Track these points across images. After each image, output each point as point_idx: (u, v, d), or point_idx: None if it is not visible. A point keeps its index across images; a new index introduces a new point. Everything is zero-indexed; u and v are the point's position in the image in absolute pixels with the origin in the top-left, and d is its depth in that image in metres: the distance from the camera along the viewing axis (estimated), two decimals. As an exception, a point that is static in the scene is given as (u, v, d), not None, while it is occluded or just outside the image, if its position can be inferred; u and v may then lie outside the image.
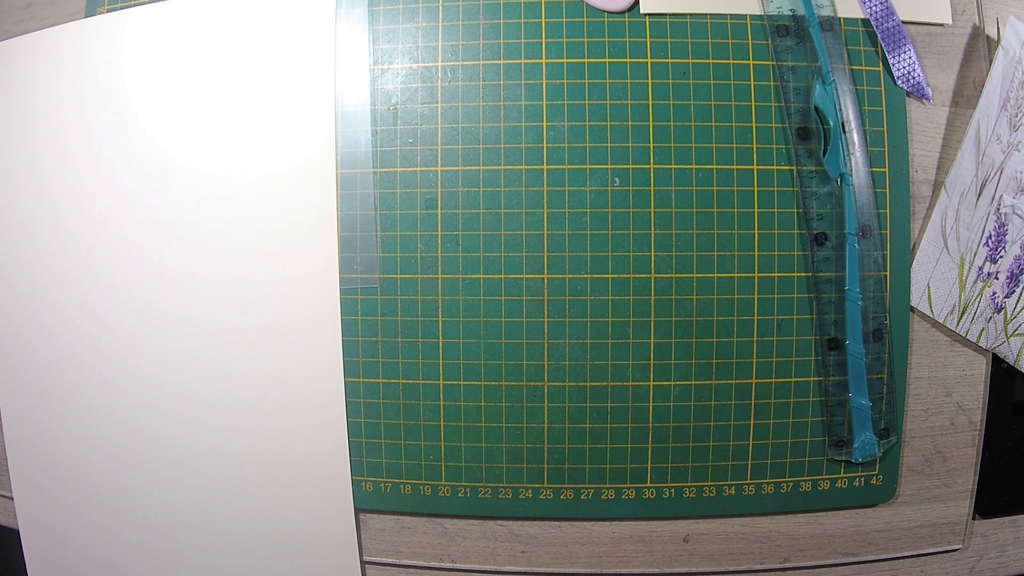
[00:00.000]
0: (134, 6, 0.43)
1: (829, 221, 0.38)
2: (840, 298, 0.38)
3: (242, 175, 0.42)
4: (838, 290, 0.38)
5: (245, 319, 0.42)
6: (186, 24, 0.43)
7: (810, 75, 0.38)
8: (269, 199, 0.42)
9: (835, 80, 0.38)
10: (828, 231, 0.38)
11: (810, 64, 0.38)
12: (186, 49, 0.43)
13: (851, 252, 0.38)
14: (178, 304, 0.42)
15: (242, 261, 0.42)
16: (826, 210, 0.38)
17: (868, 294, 0.37)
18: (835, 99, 0.37)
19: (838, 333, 0.38)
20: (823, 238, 0.38)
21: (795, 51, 0.38)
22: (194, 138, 0.42)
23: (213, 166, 0.42)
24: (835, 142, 0.37)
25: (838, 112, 0.37)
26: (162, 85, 0.43)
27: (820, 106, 0.38)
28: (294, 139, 0.42)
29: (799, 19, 0.38)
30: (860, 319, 0.37)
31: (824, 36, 0.38)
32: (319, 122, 0.42)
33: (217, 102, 0.42)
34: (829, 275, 0.38)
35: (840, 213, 0.38)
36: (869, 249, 0.38)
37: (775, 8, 0.38)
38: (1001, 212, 0.41)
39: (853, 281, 0.37)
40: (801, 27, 0.38)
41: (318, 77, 0.42)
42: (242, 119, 0.42)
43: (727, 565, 0.42)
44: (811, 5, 0.38)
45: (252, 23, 0.42)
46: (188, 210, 0.42)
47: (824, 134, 0.38)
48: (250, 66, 0.42)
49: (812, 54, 0.38)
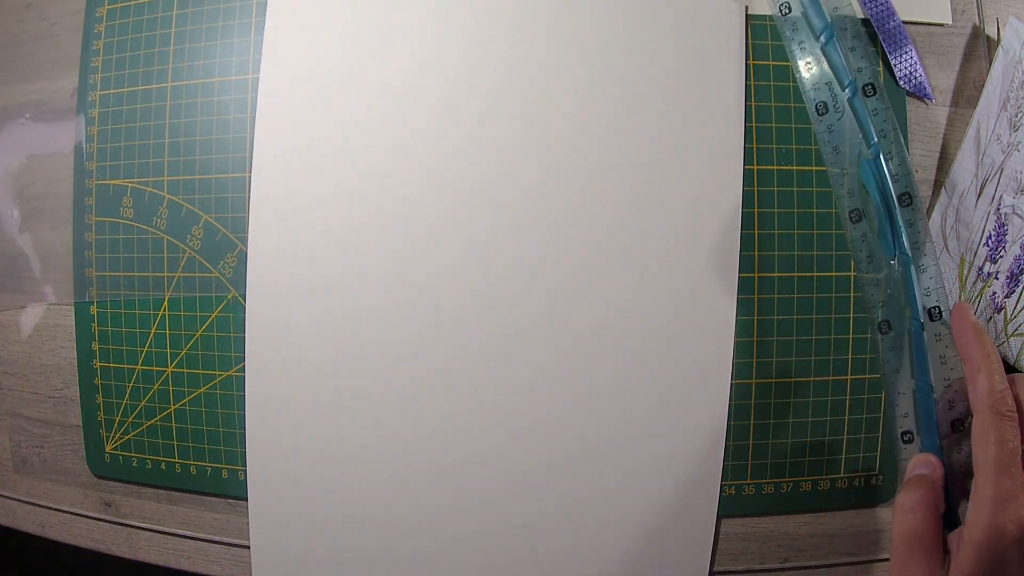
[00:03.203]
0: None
1: (892, 308, 0.34)
2: (911, 391, 0.33)
3: (647, 171, 0.41)
4: (905, 381, 0.33)
5: (634, 316, 0.40)
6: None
7: (856, 150, 0.34)
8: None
9: (882, 151, 0.33)
10: (891, 319, 0.33)
11: (854, 138, 0.34)
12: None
13: (917, 340, 0.32)
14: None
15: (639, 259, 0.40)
16: (887, 295, 0.33)
17: (943, 385, 0.32)
18: (883, 173, 0.33)
19: (910, 427, 0.33)
20: (886, 327, 0.33)
21: (836, 129, 0.34)
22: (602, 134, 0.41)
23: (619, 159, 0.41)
24: (882, 224, 0.33)
25: (887, 187, 0.33)
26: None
27: (867, 184, 0.34)
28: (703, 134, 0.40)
29: (836, 91, 0.34)
30: (933, 417, 0.32)
31: (866, 103, 0.34)
32: (728, 116, 0.40)
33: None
34: (896, 367, 0.33)
35: (902, 298, 0.33)
36: (942, 334, 0.32)
37: (810, 87, 0.34)
38: (1001, 212, 0.41)
39: (923, 372, 0.32)
40: (839, 99, 0.34)
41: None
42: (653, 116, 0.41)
43: (727, 565, 0.42)
44: (846, 73, 0.34)
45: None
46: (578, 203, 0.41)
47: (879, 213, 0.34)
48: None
49: (854, 128, 0.34)
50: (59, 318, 0.48)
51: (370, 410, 0.42)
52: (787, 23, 0.34)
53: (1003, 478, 0.25)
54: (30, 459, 0.49)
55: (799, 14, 0.34)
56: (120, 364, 0.46)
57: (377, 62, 0.42)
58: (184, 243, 0.45)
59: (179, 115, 0.45)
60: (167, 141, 0.45)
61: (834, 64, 0.34)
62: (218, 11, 0.44)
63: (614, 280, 0.41)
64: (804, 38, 0.34)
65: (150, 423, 0.45)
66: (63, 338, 0.48)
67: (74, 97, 0.47)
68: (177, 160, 0.45)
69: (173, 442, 0.45)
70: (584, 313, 0.41)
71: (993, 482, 0.25)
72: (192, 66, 0.45)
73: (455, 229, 0.41)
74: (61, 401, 0.48)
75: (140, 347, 0.45)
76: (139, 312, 0.45)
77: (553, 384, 0.41)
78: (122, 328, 0.46)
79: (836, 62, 0.34)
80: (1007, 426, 0.26)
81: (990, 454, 0.25)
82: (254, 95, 0.43)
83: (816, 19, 0.34)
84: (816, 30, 0.34)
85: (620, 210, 0.41)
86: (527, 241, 0.41)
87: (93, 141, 0.46)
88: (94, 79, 0.47)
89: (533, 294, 0.41)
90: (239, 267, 0.43)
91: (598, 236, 0.41)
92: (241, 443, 0.43)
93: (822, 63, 0.34)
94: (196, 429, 0.44)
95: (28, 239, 0.49)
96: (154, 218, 0.45)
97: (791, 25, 0.34)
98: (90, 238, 0.46)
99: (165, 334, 0.45)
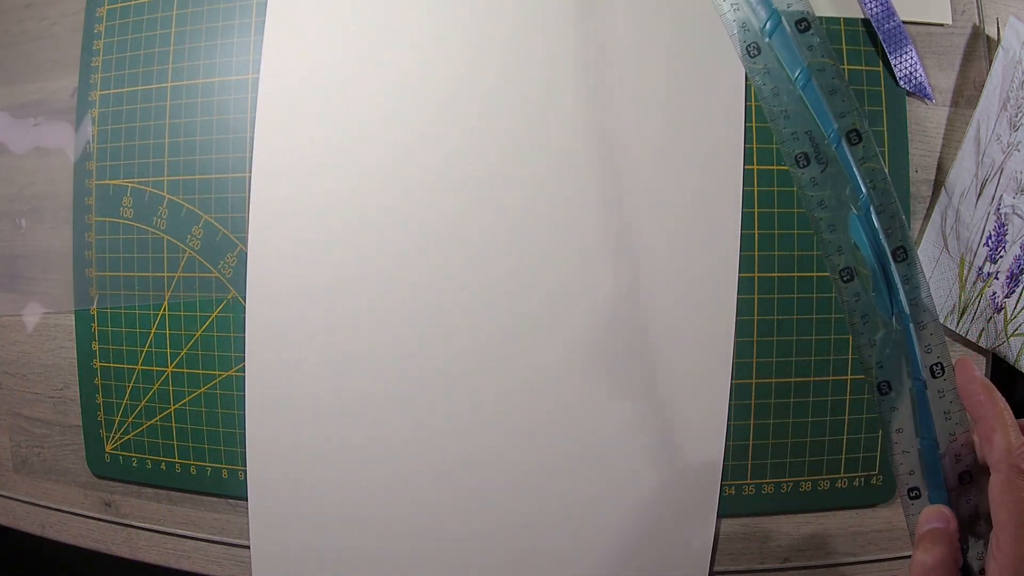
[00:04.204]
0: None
1: (891, 368, 0.31)
2: (916, 449, 0.31)
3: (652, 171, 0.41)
4: (909, 440, 0.31)
5: (643, 312, 0.41)
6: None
7: (844, 203, 0.31)
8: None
9: (872, 204, 0.30)
10: (891, 379, 0.31)
11: (842, 191, 0.31)
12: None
13: (920, 399, 0.31)
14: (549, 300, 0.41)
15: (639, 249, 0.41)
16: (885, 355, 0.31)
17: (948, 439, 0.30)
18: (875, 228, 0.31)
19: (916, 483, 0.31)
20: (887, 387, 0.31)
21: (820, 181, 0.31)
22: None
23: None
24: (876, 282, 0.31)
25: (880, 243, 0.31)
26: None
27: (857, 241, 0.31)
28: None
29: (818, 141, 0.31)
30: (940, 471, 0.30)
31: (851, 151, 0.31)
32: (728, 116, 0.40)
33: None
34: (899, 426, 0.31)
35: (901, 357, 0.31)
36: (945, 390, 0.30)
37: (789, 136, 0.31)
38: (1001, 212, 0.41)
39: (927, 430, 0.31)
40: (821, 150, 0.31)
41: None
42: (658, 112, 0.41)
43: (727, 565, 0.42)
44: (829, 120, 0.31)
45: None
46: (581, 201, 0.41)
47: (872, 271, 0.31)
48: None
49: (841, 179, 0.31)
50: (59, 318, 0.48)
51: (370, 410, 0.42)
52: (756, 66, 0.31)
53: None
54: (30, 459, 0.49)
55: (770, 55, 0.31)
56: (120, 364, 0.46)
57: (377, 62, 0.42)
58: (184, 243, 0.45)
59: (179, 115, 0.45)
60: (167, 141, 0.45)
61: (813, 110, 0.31)
62: (218, 11, 0.44)
63: (614, 280, 0.41)
64: (777, 83, 0.31)
65: (150, 423, 0.45)
66: (63, 338, 0.48)
67: (74, 97, 0.47)
68: (177, 160, 0.45)
69: (173, 442, 0.45)
70: (583, 313, 0.41)
71: (1016, 540, 0.25)
72: (192, 66, 0.45)
73: (455, 229, 0.41)
74: (61, 401, 0.48)
75: (140, 347, 0.45)
76: (139, 312, 0.45)
77: (553, 384, 0.41)
78: (122, 328, 0.46)
79: (815, 108, 0.31)
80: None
81: (1012, 512, 0.25)
82: (254, 95, 0.43)
83: (790, 61, 0.31)
84: (791, 73, 0.31)
85: (620, 210, 0.41)
86: (527, 241, 0.41)
87: (93, 141, 0.46)
88: (94, 79, 0.47)
89: (533, 294, 0.41)
90: (239, 267, 0.43)
91: (597, 236, 0.41)
92: (241, 443, 0.43)
93: (800, 109, 0.31)
94: (196, 429, 0.44)
95: (28, 239, 0.49)
96: (154, 218, 0.45)
97: (762, 68, 0.31)
98: (90, 238, 0.46)
99: (165, 334, 0.45)
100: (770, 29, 0.31)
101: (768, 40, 0.31)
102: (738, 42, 0.31)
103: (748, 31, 0.31)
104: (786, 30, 0.31)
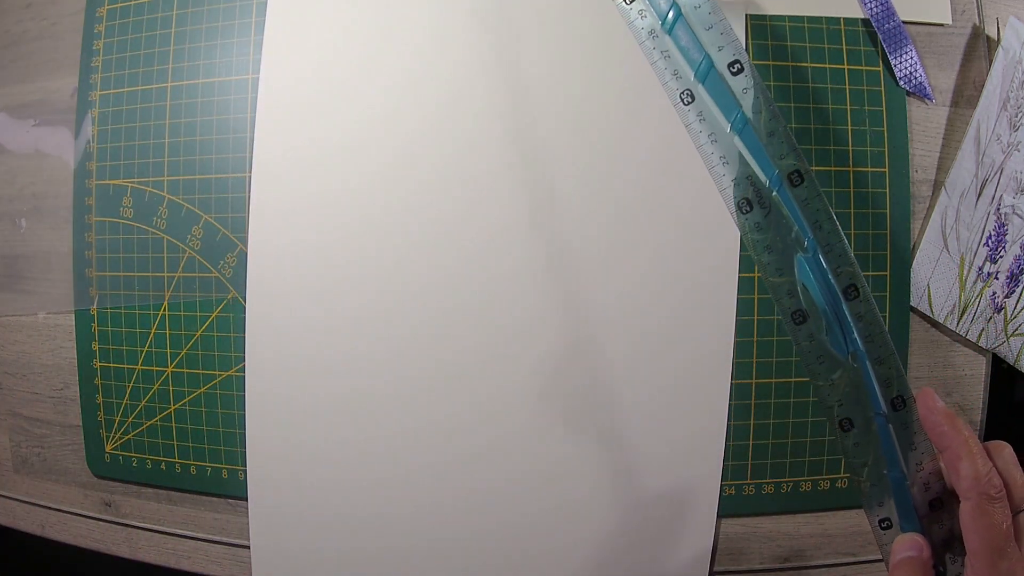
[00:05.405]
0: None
1: (851, 405, 0.31)
2: (884, 481, 0.31)
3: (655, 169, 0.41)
4: (876, 474, 0.31)
5: (641, 316, 0.41)
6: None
7: (790, 245, 0.30)
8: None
9: (819, 245, 0.30)
10: (852, 416, 0.31)
11: (787, 234, 0.30)
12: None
13: (883, 434, 0.30)
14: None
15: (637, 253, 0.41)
16: (844, 393, 0.31)
17: (915, 471, 0.30)
18: (823, 269, 0.30)
19: (887, 514, 0.31)
20: (848, 424, 0.31)
21: (764, 226, 0.30)
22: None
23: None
24: (829, 323, 0.30)
25: (829, 284, 0.30)
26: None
27: (807, 283, 0.31)
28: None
29: (759, 186, 0.30)
30: (910, 501, 0.30)
31: (793, 192, 0.30)
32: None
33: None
34: (864, 461, 0.31)
35: (861, 394, 0.31)
36: (908, 421, 0.30)
37: (729, 183, 0.31)
38: (1001, 212, 0.41)
39: (893, 462, 0.30)
40: (763, 194, 0.30)
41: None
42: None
43: (727, 565, 0.42)
44: (769, 162, 0.30)
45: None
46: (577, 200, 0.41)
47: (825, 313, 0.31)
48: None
49: (786, 222, 0.30)
50: (59, 318, 0.48)
51: (370, 410, 0.42)
52: (691, 113, 0.30)
53: (1000, 560, 0.25)
54: (30, 459, 0.49)
55: (705, 101, 0.30)
56: (120, 364, 0.46)
57: (377, 62, 0.42)
58: (184, 243, 0.45)
59: (179, 115, 0.45)
60: (167, 141, 0.45)
61: (752, 155, 0.31)
62: (218, 11, 0.44)
63: (614, 280, 0.41)
64: (714, 128, 0.30)
65: (150, 423, 0.45)
66: (63, 338, 0.48)
67: (74, 97, 0.47)
68: (177, 160, 0.45)
69: (173, 442, 0.45)
70: (584, 313, 0.41)
71: (990, 566, 0.25)
72: (192, 66, 0.45)
73: (455, 229, 0.41)
74: (61, 401, 0.48)
75: (140, 347, 0.45)
76: (139, 312, 0.45)
77: (553, 384, 0.41)
78: (122, 328, 0.46)
79: (754, 152, 0.31)
80: (997, 509, 0.26)
81: (984, 539, 0.26)
82: (254, 95, 0.43)
83: (724, 106, 0.30)
84: (727, 117, 0.30)
85: (620, 210, 0.41)
86: (526, 241, 0.41)
87: (93, 141, 0.46)
88: (94, 79, 0.47)
89: (532, 294, 0.41)
90: (239, 267, 0.43)
91: (598, 236, 0.41)
92: (241, 443, 0.43)
93: (737, 154, 0.31)
94: (196, 429, 0.44)
95: (28, 239, 0.49)
96: (154, 218, 0.45)
97: (697, 115, 0.30)
98: (90, 238, 0.46)
99: (165, 334, 0.45)
100: (703, 73, 0.30)
101: (702, 85, 0.30)
102: (672, 90, 0.31)
103: (680, 78, 0.30)
104: (718, 74, 0.30)
